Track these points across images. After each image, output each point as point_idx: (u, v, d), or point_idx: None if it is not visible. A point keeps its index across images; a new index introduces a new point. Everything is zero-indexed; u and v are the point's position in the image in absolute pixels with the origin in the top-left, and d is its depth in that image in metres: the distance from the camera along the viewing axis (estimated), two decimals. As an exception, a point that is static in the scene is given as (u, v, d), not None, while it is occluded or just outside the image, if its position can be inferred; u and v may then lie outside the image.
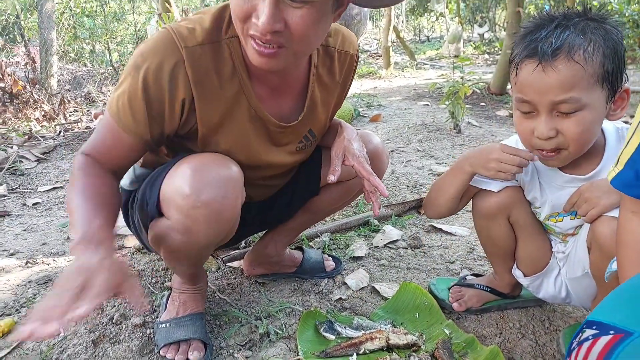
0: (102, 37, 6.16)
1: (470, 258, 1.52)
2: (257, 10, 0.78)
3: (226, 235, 0.98)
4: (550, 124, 0.85)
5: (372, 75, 6.69)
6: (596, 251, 0.90)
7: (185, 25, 0.89)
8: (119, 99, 0.89)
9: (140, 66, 0.87)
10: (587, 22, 0.83)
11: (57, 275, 1.45)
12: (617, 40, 0.83)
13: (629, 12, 6.36)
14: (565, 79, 0.81)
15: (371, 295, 1.32)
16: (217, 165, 0.89)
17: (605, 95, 0.84)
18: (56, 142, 3.13)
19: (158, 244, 0.98)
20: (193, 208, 0.86)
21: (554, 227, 1.05)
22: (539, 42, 0.83)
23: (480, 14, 11.56)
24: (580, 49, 0.80)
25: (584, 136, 0.85)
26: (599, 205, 0.86)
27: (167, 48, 0.87)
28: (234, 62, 0.93)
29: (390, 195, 2.08)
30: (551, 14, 0.86)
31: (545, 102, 0.83)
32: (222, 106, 0.95)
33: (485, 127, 3.33)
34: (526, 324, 1.16)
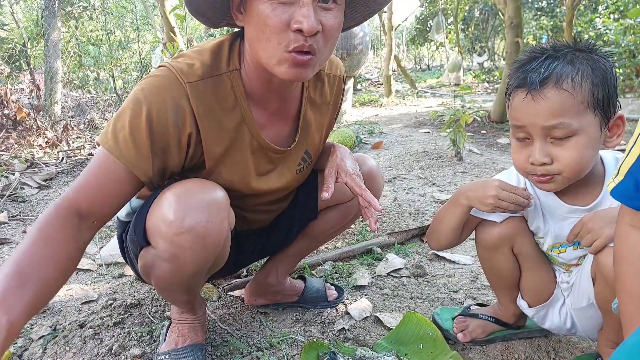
0: (106, 64, 6.28)
1: (474, 287, 1.50)
2: (295, 17, 0.81)
3: (216, 261, 0.97)
4: (545, 151, 0.87)
5: (373, 103, 6.78)
6: (601, 282, 0.89)
7: (184, 62, 0.91)
8: (118, 133, 0.85)
9: (142, 100, 0.86)
10: (575, 52, 0.86)
11: (55, 305, 1.43)
12: (606, 69, 0.86)
13: (624, 42, 6.49)
14: (554, 106, 0.84)
15: (374, 325, 1.30)
16: (200, 190, 0.88)
17: (598, 122, 0.86)
18: (58, 169, 3.15)
19: (148, 273, 0.97)
20: (177, 234, 0.85)
21: (557, 257, 1.04)
22: (529, 72, 0.86)
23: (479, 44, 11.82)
24: (569, 77, 0.84)
25: (579, 162, 0.87)
26: (602, 236, 0.86)
27: (170, 84, 0.88)
28: (236, 94, 0.95)
29: (393, 223, 2.07)
30: (542, 46, 0.89)
31: (537, 127, 0.86)
32: (225, 138, 0.97)
33: (486, 154, 3.35)
34: (532, 355, 1.13)
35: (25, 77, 4.78)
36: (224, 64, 0.94)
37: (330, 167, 1.11)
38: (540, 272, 1.06)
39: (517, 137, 0.91)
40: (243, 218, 1.12)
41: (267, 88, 0.96)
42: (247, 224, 1.16)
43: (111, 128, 0.87)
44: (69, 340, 1.24)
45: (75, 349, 1.20)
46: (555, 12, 9.79)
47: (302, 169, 1.13)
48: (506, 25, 4.54)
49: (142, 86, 0.88)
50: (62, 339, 1.25)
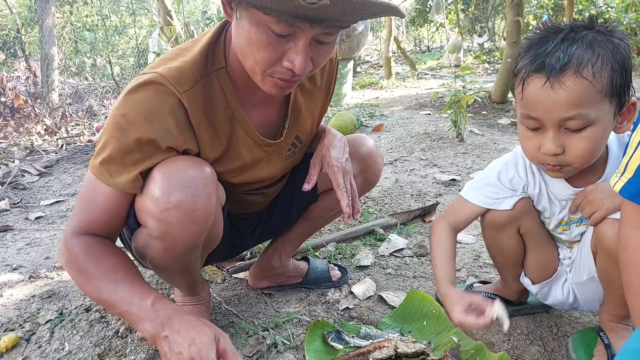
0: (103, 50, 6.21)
1: (476, 265, 1.51)
2: (287, 55, 0.80)
3: (209, 237, 0.97)
4: (558, 141, 0.83)
5: (373, 85, 6.73)
6: (602, 254, 0.90)
7: (174, 67, 0.87)
8: (109, 165, 0.85)
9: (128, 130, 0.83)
10: (594, 35, 0.80)
11: (61, 290, 1.44)
12: (625, 53, 0.81)
13: (626, 20, 6.41)
14: (574, 96, 0.79)
15: (378, 304, 1.31)
16: (186, 166, 0.87)
17: (613, 110, 0.82)
18: (58, 156, 3.14)
19: (143, 255, 0.97)
20: (164, 211, 0.84)
21: (560, 235, 1.05)
22: (546, 56, 0.80)
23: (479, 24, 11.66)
24: (589, 64, 0.78)
25: (590, 152, 0.84)
26: (602, 207, 0.86)
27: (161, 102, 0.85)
28: (225, 92, 0.94)
29: (395, 204, 2.07)
30: (557, 25, 0.84)
31: (553, 119, 0.82)
32: (220, 142, 0.97)
33: (487, 135, 3.34)
34: (534, 330, 1.15)
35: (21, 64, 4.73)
36: (210, 62, 0.92)
37: (315, 157, 1.11)
38: (545, 250, 1.07)
39: (529, 126, 0.87)
40: (238, 201, 1.12)
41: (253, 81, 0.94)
42: (243, 206, 1.16)
43: (100, 159, 0.86)
44: (76, 323, 1.26)
45: (83, 332, 1.22)
46: (557, -10, 9.62)
47: (293, 154, 1.12)
48: (507, 4, 4.47)
49: (127, 110, 0.84)
50: (68, 323, 1.26)
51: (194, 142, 0.93)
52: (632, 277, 0.70)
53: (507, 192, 1.02)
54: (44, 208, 2.28)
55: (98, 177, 0.87)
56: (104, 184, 0.86)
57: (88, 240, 0.89)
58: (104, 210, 0.89)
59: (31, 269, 1.62)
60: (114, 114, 0.85)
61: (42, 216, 2.16)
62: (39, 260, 1.69)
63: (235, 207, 1.12)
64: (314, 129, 1.16)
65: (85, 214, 0.89)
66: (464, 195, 1.06)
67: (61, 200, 2.38)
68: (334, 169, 1.06)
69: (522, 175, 1.01)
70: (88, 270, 0.86)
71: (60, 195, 2.46)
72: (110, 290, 0.85)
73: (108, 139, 0.85)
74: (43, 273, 1.57)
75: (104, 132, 0.86)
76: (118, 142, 0.84)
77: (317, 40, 0.81)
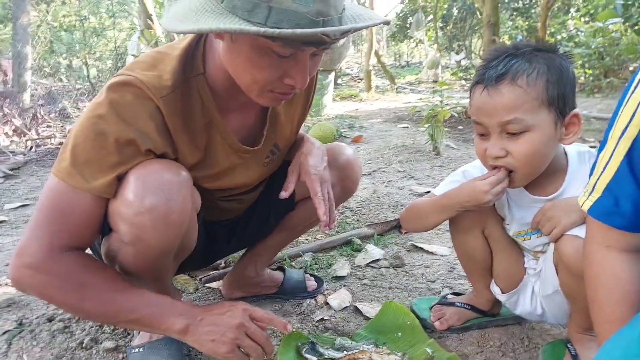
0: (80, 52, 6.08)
1: (450, 277, 1.52)
2: (289, 74, 0.81)
3: (183, 244, 0.94)
4: (500, 145, 0.90)
5: (354, 97, 6.80)
6: (563, 270, 0.93)
7: (152, 74, 0.85)
8: (81, 168, 0.80)
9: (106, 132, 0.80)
10: (535, 52, 0.89)
11: (22, 299, 1.37)
12: (563, 67, 0.89)
13: (594, 44, 6.69)
14: (509, 101, 0.87)
15: (353, 315, 1.30)
16: (161, 169, 0.85)
17: (553, 119, 0.89)
18: (27, 158, 3.04)
19: (112, 259, 0.93)
20: (137, 214, 0.81)
21: (522, 244, 1.08)
22: (488, 69, 0.90)
23: (457, 42, 11.97)
24: (524, 74, 0.86)
25: (532, 157, 0.90)
26: (560, 224, 0.89)
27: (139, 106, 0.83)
28: (203, 99, 0.92)
29: (372, 215, 2.08)
30: (505, 46, 0.93)
31: (493, 123, 0.89)
32: (198, 148, 0.95)
33: (462, 149, 3.40)
34: (506, 342, 1.16)
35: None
36: (188, 68, 0.90)
37: (293, 165, 1.10)
38: (510, 257, 1.10)
39: (478, 132, 0.95)
40: (214, 207, 1.09)
41: (233, 87, 0.93)
42: (219, 212, 1.14)
43: (71, 163, 0.80)
44: (37, 334, 1.20)
45: (44, 343, 1.16)
46: (531, 12, 10.00)
47: (270, 162, 1.11)
48: (484, 23, 4.62)
49: (104, 110, 0.81)
50: (28, 334, 1.20)
51: (171, 148, 0.90)
52: (597, 294, 0.71)
53: None
54: (8, 212, 2.19)
55: (69, 182, 0.81)
56: (77, 189, 0.81)
57: (70, 257, 0.83)
58: (79, 220, 0.83)
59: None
60: (88, 115, 0.82)
61: (6, 220, 2.07)
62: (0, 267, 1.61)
63: (210, 213, 1.09)
64: (293, 137, 1.15)
65: (55, 226, 0.82)
66: (434, 191, 1.11)
67: (27, 204, 2.29)
68: (311, 177, 1.05)
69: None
70: (87, 287, 0.82)
71: (27, 199, 2.37)
72: (122, 299, 0.82)
73: (82, 141, 0.81)
74: (3, 281, 1.50)
75: (76, 135, 0.82)
76: (94, 143, 0.80)
77: (313, 54, 0.82)
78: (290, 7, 0.69)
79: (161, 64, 0.88)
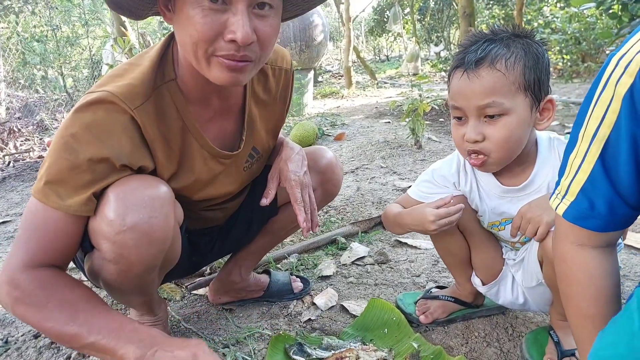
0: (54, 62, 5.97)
1: (435, 270, 1.54)
2: (228, 27, 0.77)
3: (167, 258, 0.94)
4: (478, 129, 0.92)
5: (334, 94, 6.80)
6: (547, 265, 0.94)
7: (123, 84, 0.85)
8: (57, 188, 0.80)
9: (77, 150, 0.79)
10: (512, 37, 0.92)
11: (6, 317, 1.36)
12: (539, 53, 0.91)
13: (570, 29, 6.80)
14: (488, 85, 0.89)
15: (340, 314, 1.31)
16: (142, 186, 0.84)
17: (529, 104, 0.91)
18: (5, 174, 2.98)
19: (95, 277, 0.92)
20: (119, 233, 0.81)
21: (498, 234, 1.10)
22: (467, 54, 0.91)
23: (435, 34, 12.05)
24: (503, 58, 0.89)
25: (508, 141, 0.91)
26: (542, 222, 0.90)
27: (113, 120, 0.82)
28: (176, 105, 0.92)
29: (356, 213, 2.09)
30: (483, 31, 0.94)
31: (472, 107, 0.91)
32: (175, 156, 0.94)
33: (444, 141, 3.43)
34: (490, 332, 1.18)
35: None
36: (160, 76, 0.90)
37: (273, 171, 1.11)
38: (488, 249, 1.12)
39: (455, 116, 0.96)
40: (197, 217, 1.09)
41: (205, 89, 0.93)
42: (202, 222, 1.14)
43: (46, 181, 0.80)
44: (23, 352, 1.19)
45: (30, 361, 1.15)
46: (507, 1, 10.11)
47: (250, 166, 1.11)
48: (460, 14, 4.66)
49: (76, 129, 0.80)
50: (14, 352, 1.19)
51: (149, 159, 0.90)
52: (571, 290, 0.72)
53: (440, 187, 1.09)
54: (-11, 229, 2.15)
55: (45, 202, 0.80)
56: (52, 208, 0.81)
57: (42, 273, 0.81)
58: (56, 238, 0.82)
59: (-26, 295, 1.51)
60: (61, 134, 0.81)
61: (-14, 238, 2.04)
62: (-18, 286, 1.58)
63: (193, 223, 1.09)
64: (271, 141, 1.15)
65: (33, 244, 0.82)
66: (409, 191, 1.14)
67: (8, 221, 2.25)
68: (291, 182, 1.06)
69: (452, 172, 1.08)
70: (49, 305, 0.79)
71: (7, 215, 2.33)
72: (79, 322, 0.78)
73: (55, 160, 0.80)
74: (-13, 300, 1.47)
75: (51, 154, 0.81)
76: (67, 162, 0.80)
77: (255, 13, 0.79)
78: None
79: (132, 73, 0.87)
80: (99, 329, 0.78)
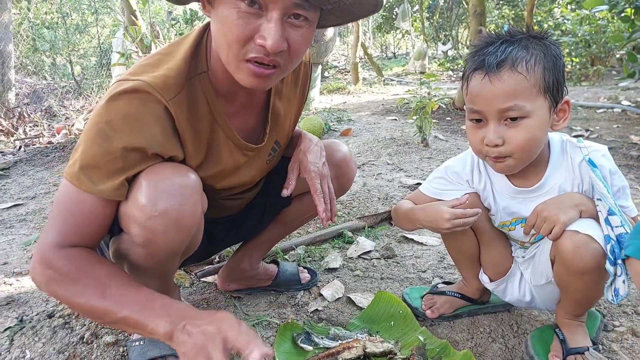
0: (63, 49, 5.98)
1: (441, 267, 1.56)
2: (260, 32, 0.79)
3: (190, 245, 0.97)
4: (498, 132, 0.92)
5: (341, 90, 6.81)
6: (559, 264, 0.96)
7: (159, 75, 0.86)
8: (90, 173, 0.83)
9: (112, 137, 0.81)
10: (529, 38, 0.92)
11: (20, 297, 1.39)
12: (557, 55, 0.92)
13: (581, 32, 6.77)
14: (510, 88, 0.88)
15: (347, 306, 1.34)
16: (173, 174, 0.87)
17: (548, 105, 0.91)
18: (16, 158, 3.01)
19: (121, 260, 0.95)
20: (150, 218, 0.83)
21: (508, 234, 1.12)
22: (486, 55, 0.91)
23: (443, 32, 12.01)
24: (523, 61, 0.89)
25: (529, 144, 0.92)
26: (559, 222, 0.91)
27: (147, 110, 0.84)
28: (207, 97, 0.94)
29: (363, 208, 2.12)
30: (498, 33, 0.95)
31: (493, 110, 0.91)
32: (203, 147, 0.97)
33: (451, 140, 3.44)
34: (496, 328, 1.20)
35: (-27, 61, 4.50)
36: (193, 67, 0.92)
37: (292, 162, 1.12)
38: (497, 247, 1.13)
39: (473, 119, 0.96)
40: (215, 206, 1.11)
41: (234, 83, 0.94)
42: (219, 211, 1.16)
43: (80, 166, 0.83)
44: (38, 330, 1.22)
45: (45, 339, 1.18)
46: (517, 1, 10.06)
47: (272, 158, 1.14)
48: (470, 13, 4.65)
49: (111, 117, 0.82)
50: (29, 330, 1.22)
51: (180, 149, 0.92)
52: None
53: (453, 184, 1.10)
54: (1, 212, 2.18)
55: (78, 185, 0.83)
56: (85, 192, 0.83)
57: (74, 252, 0.84)
58: (87, 221, 0.85)
59: (-13, 275, 1.55)
60: (96, 120, 0.83)
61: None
62: (-5, 267, 1.62)
63: (212, 211, 1.12)
64: (290, 133, 1.18)
65: (66, 225, 0.85)
66: (421, 188, 1.15)
67: (20, 204, 2.28)
68: (311, 174, 1.08)
69: (466, 171, 1.09)
70: (80, 282, 0.81)
71: (19, 199, 2.36)
72: (111, 298, 0.80)
73: (90, 146, 0.83)
74: (1, 279, 1.51)
75: (85, 139, 0.84)
76: (101, 148, 0.82)
77: (292, 16, 0.80)
78: None
79: (166, 64, 0.89)
80: (129, 304, 0.80)
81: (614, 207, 0.89)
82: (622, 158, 2.88)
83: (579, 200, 0.94)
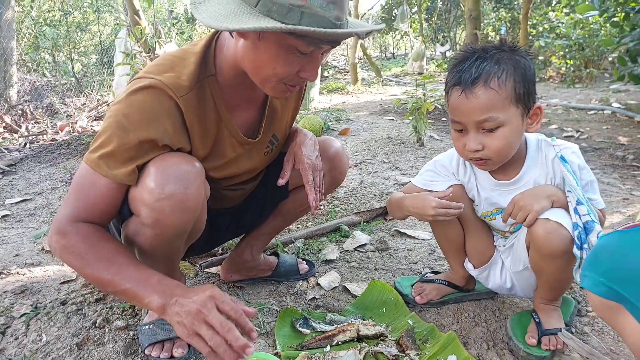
0: (64, 47, 6.05)
1: (431, 259, 1.65)
2: (305, 69, 0.95)
3: (195, 228, 1.06)
4: (477, 140, 1.03)
5: (340, 90, 6.89)
6: (533, 249, 1.05)
7: (172, 76, 0.97)
8: (107, 160, 0.94)
9: (128, 128, 0.92)
10: (501, 53, 1.02)
11: (33, 286, 1.47)
12: (526, 66, 1.02)
13: (575, 35, 6.88)
14: (484, 102, 0.99)
15: (342, 294, 1.43)
16: (179, 162, 0.97)
17: (520, 113, 1.02)
18: (22, 154, 3.09)
19: (131, 242, 1.05)
20: (158, 200, 0.94)
21: (490, 223, 1.22)
22: (462, 72, 1.01)
23: (442, 34, 12.10)
24: (495, 77, 0.99)
25: (505, 148, 1.03)
26: (532, 210, 1.01)
27: (160, 106, 0.95)
28: (214, 97, 1.05)
29: (359, 204, 2.20)
30: (474, 47, 1.05)
31: (471, 121, 1.02)
32: (209, 141, 1.07)
33: (446, 140, 3.53)
34: (479, 313, 1.29)
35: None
36: (202, 70, 1.02)
37: (288, 155, 1.23)
38: (481, 236, 1.23)
39: (455, 129, 1.07)
40: (219, 196, 1.21)
41: (239, 85, 1.06)
42: (221, 202, 1.25)
43: (99, 154, 0.94)
44: (52, 316, 1.30)
45: (60, 324, 1.26)
46: (513, 4, 10.17)
47: (270, 151, 1.24)
48: (466, 17, 4.74)
49: (129, 110, 0.93)
50: (44, 316, 1.30)
51: (187, 141, 1.03)
52: None
53: (441, 176, 1.21)
54: (10, 206, 2.26)
55: (95, 169, 0.94)
56: (101, 175, 0.94)
57: (85, 227, 0.95)
58: (101, 200, 0.96)
59: (1, 266, 1.62)
60: (115, 113, 0.94)
61: (9, 214, 2.14)
62: (8, 258, 1.69)
63: (214, 202, 1.21)
64: (288, 128, 1.28)
65: (80, 202, 0.96)
66: (413, 180, 1.26)
67: (28, 199, 2.36)
68: (304, 165, 1.18)
69: (453, 165, 1.20)
70: (89, 255, 0.92)
71: (27, 194, 2.44)
72: (114, 271, 0.91)
73: (109, 136, 0.94)
74: (14, 269, 1.59)
75: (105, 129, 0.95)
76: (119, 139, 0.93)
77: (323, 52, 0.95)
78: (318, 12, 0.84)
79: (178, 66, 1.00)
80: (129, 278, 0.90)
81: (581, 197, 0.98)
82: (608, 158, 2.97)
83: (552, 192, 1.03)
